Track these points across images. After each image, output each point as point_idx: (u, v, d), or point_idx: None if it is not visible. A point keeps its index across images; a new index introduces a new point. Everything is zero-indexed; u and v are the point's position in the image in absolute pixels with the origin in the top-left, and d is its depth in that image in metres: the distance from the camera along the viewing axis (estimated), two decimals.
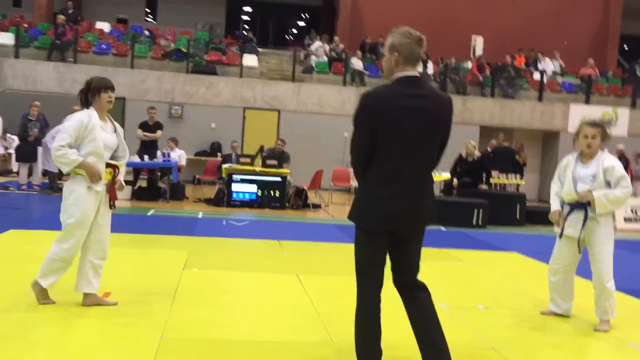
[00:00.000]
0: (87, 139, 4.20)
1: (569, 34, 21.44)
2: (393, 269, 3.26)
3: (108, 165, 4.31)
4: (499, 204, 10.86)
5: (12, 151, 13.84)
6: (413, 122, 3.01)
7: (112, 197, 4.38)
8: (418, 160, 3.08)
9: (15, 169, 13.63)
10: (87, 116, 4.23)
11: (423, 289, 3.28)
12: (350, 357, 3.72)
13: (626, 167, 13.86)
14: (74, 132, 4.17)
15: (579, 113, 17.89)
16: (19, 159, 12.20)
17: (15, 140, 13.53)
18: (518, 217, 11.17)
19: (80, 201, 4.18)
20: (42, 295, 4.30)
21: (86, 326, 3.97)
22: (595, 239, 4.55)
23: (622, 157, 13.97)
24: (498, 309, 5.10)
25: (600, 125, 4.56)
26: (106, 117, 4.40)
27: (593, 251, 4.59)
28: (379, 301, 3.21)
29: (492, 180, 11.79)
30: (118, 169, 4.41)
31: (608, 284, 4.52)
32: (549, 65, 19.75)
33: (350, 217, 3.19)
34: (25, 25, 17.71)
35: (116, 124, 4.49)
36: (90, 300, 4.35)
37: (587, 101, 18.42)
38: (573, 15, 21.85)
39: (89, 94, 4.31)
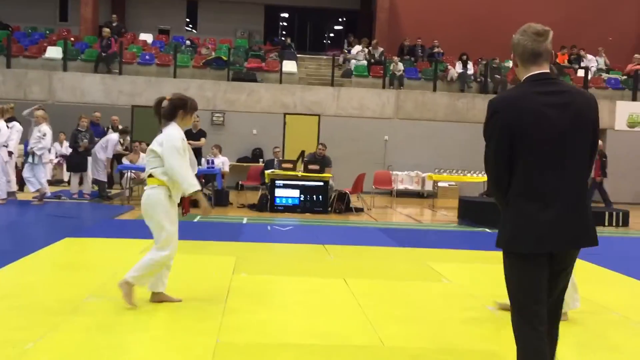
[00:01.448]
0: None
1: (614, 30, 20.94)
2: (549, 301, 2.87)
3: None
4: None
5: (53, 156, 14.35)
6: (553, 120, 2.65)
7: (186, 207, 4.63)
8: (567, 164, 2.67)
9: (66, 179, 14.10)
10: (180, 131, 4.40)
11: (557, 324, 2.85)
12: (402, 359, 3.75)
13: (604, 162, 13.33)
14: (182, 149, 4.35)
15: (626, 110, 17.45)
16: (69, 169, 12.62)
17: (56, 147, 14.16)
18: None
19: (168, 209, 4.40)
20: (131, 296, 4.47)
21: (144, 330, 4.09)
22: None
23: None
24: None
25: None
26: None
27: None
28: (545, 350, 2.71)
29: None
30: None
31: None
32: (592, 62, 19.32)
33: (499, 243, 2.76)
34: (72, 39, 18.30)
35: None
36: (158, 298, 4.59)
37: (635, 98, 17.95)
38: (617, 10, 21.35)
39: (181, 110, 4.45)
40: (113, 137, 12.41)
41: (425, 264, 6.85)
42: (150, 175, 4.45)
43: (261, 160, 15.60)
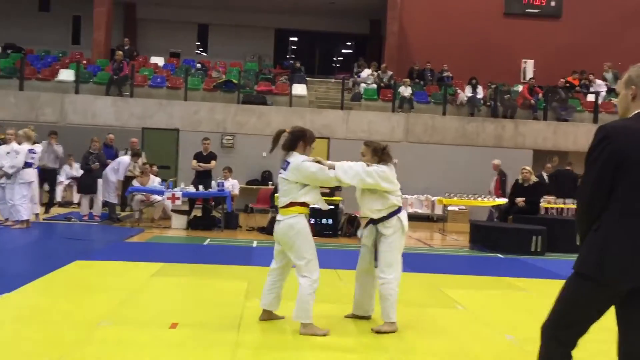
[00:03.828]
0: None
1: (622, 55, 20.95)
2: (623, 341, 2.77)
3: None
4: (558, 230, 10.58)
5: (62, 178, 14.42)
6: None
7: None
8: None
9: (76, 200, 14.12)
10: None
11: None
12: None
13: (504, 181, 13.40)
14: None
15: None
16: (80, 191, 12.65)
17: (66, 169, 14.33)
18: (579, 243, 10.85)
19: (309, 235, 4.68)
20: (317, 329, 4.63)
21: (161, 357, 4.03)
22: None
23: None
24: None
25: (368, 145, 5.27)
26: None
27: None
28: None
29: (549, 205, 11.53)
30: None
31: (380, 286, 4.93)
32: (601, 86, 19.31)
33: (580, 266, 2.77)
34: (84, 62, 18.49)
35: None
36: (268, 316, 4.95)
37: None
38: (623, 35, 21.39)
39: (301, 141, 4.74)
40: (125, 159, 12.45)
41: (439, 289, 6.77)
42: (288, 205, 4.64)
43: (270, 182, 15.58)
